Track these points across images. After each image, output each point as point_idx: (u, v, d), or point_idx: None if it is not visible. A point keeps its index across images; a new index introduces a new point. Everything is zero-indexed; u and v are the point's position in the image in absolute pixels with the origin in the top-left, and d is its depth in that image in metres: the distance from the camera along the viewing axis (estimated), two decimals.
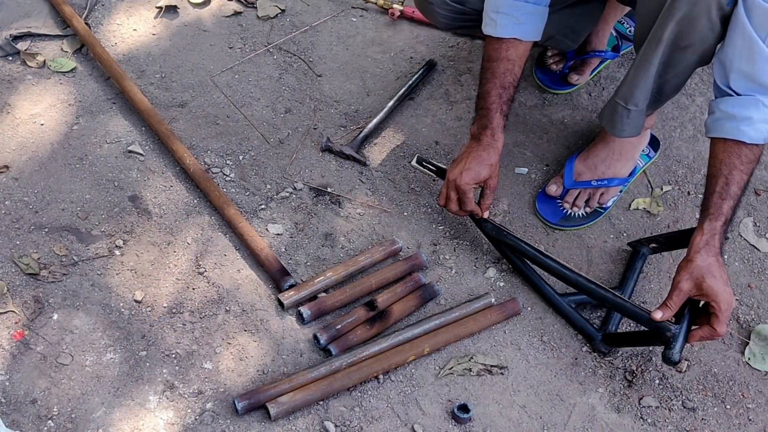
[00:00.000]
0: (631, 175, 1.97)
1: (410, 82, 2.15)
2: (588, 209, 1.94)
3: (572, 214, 1.93)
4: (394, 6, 2.30)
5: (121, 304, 1.71)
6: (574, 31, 1.99)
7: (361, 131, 2.04)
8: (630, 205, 1.98)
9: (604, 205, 1.95)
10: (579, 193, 1.94)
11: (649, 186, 2.02)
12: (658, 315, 1.56)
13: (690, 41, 1.57)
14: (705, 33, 1.56)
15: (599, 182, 1.93)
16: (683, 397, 1.69)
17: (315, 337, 1.69)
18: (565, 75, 2.16)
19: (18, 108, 2.03)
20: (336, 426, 1.58)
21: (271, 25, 2.30)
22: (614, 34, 2.19)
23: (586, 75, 2.18)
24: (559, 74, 2.17)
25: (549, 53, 2.18)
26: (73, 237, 1.80)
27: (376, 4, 2.33)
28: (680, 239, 1.78)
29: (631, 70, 1.69)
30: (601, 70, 2.21)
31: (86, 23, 2.22)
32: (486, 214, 1.82)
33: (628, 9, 2.11)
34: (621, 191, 1.98)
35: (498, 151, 1.77)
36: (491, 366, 1.69)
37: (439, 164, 1.93)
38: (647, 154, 2.03)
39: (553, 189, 1.95)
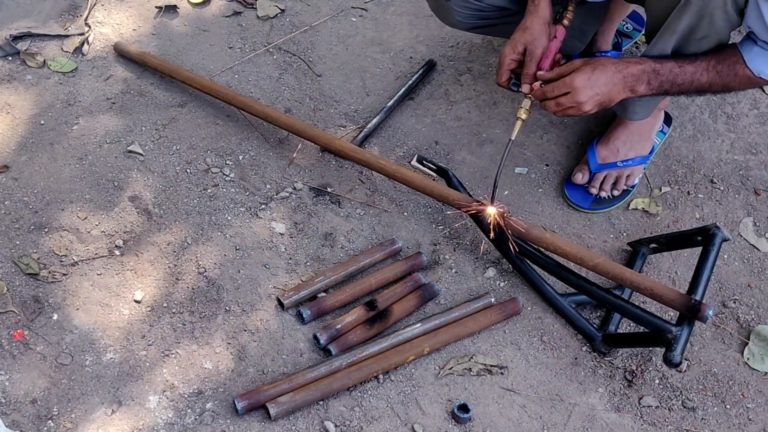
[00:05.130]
0: (651, 152, 2.02)
1: (410, 82, 2.15)
2: (616, 191, 1.98)
3: (602, 197, 1.97)
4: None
5: (121, 304, 1.71)
6: (582, 32, 2.01)
7: (361, 131, 2.04)
8: (629, 205, 1.98)
9: (631, 186, 1.99)
10: (605, 177, 1.97)
11: (648, 186, 2.02)
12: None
13: (705, 33, 1.60)
14: (720, 25, 1.58)
15: (624, 162, 1.97)
16: (683, 397, 1.69)
17: (315, 337, 1.69)
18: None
19: (18, 108, 2.03)
20: (336, 426, 1.58)
21: (270, 25, 2.30)
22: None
23: None
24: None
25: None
26: (73, 237, 1.80)
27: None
28: (680, 240, 1.78)
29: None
30: None
31: (86, 23, 2.22)
32: (526, 88, 1.70)
33: (632, 8, 2.12)
34: (644, 168, 2.02)
35: (538, 17, 1.67)
36: (491, 366, 1.69)
37: (439, 163, 1.93)
38: (662, 130, 2.07)
39: (579, 177, 1.98)
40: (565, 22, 1.71)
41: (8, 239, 1.78)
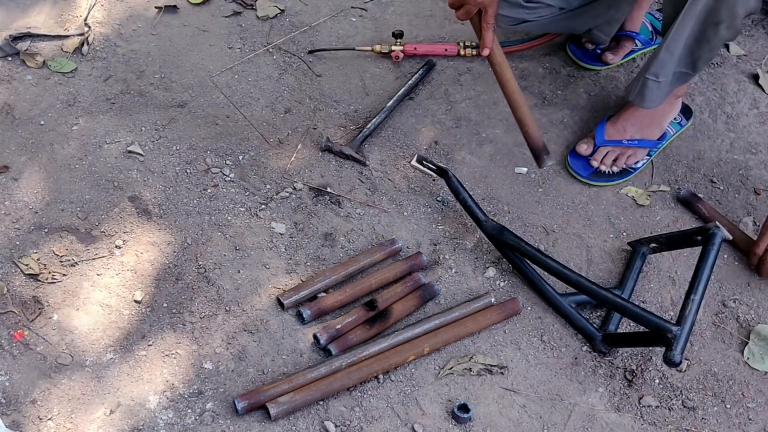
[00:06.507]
0: (660, 140, 2.04)
1: (410, 82, 2.15)
2: (616, 168, 2.01)
3: (602, 170, 2.01)
4: (395, 48, 2.20)
5: (121, 305, 1.71)
6: (609, 24, 2.10)
7: (361, 131, 2.04)
8: (620, 191, 2.00)
9: (632, 167, 2.02)
10: (608, 152, 2.01)
11: (650, 178, 2.03)
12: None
13: (721, 17, 1.67)
14: (734, 8, 1.66)
15: (630, 142, 2.00)
16: (683, 397, 1.69)
17: (315, 337, 1.69)
18: (599, 54, 2.22)
19: (18, 108, 2.03)
20: (336, 426, 1.58)
21: (270, 26, 2.30)
22: (649, 29, 2.27)
23: (620, 57, 2.24)
24: (592, 52, 2.24)
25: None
26: (72, 237, 1.80)
27: (373, 51, 2.20)
28: (680, 239, 1.78)
29: (662, 45, 1.78)
30: (636, 56, 2.27)
31: (86, 23, 2.22)
32: (485, 51, 1.80)
33: None
34: (650, 155, 2.04)
35: None
36: (491, 366, 1.69)
37: (439, 164, 1.93)
38: (679, 122, 2.09)
39: (583, 148, 2.03)
40: None
41: (8, 239, 1.78)
